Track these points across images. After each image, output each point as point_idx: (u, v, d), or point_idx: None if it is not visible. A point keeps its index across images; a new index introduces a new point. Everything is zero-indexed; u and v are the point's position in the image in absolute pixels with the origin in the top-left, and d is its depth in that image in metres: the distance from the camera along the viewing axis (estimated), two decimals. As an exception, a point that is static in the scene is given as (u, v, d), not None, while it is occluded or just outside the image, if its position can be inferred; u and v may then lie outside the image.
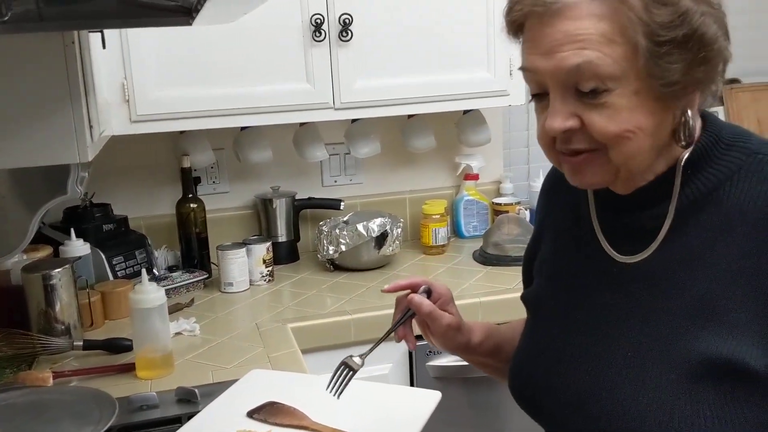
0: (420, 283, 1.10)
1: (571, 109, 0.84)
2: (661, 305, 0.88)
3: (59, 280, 1.64)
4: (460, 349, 1.14)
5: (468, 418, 1.89)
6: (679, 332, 0.85)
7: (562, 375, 0.95)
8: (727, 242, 0.85)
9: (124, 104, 1.83)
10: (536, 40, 0.84)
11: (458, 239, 2.41)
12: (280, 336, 1.70)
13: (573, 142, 0.85)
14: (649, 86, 0.82)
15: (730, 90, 2.69)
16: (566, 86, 0.83)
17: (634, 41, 0.80)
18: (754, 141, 0.89)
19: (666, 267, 0.88)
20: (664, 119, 0.85)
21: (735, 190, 0.86)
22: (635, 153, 0.84)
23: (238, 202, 2.32)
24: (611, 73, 0.80)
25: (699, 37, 0.81)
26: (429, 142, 2.31)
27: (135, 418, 1.29)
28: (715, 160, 0.88)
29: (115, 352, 1.61)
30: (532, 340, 1.04)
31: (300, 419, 1.20)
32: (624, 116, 0.82)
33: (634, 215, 0.92)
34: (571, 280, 1.00)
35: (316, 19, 1.91)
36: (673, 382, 0.84)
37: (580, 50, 0.80)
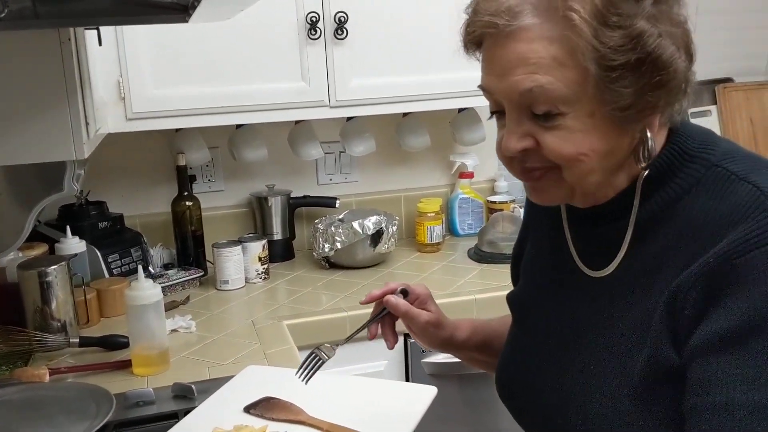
0: (395, 287, 1.11)
1: (525, 130, 0.83)
2: (617, 318, 0.87)
3: (55, 278, 1.64)
4: (445, 346, 1.15)
5: (463, 414, 1.90)
6: (631, 344, 0.85)
7: (536, 384, 0.96)
8: (677, 259, 0.82)
9: (119, 102, 1.83)
10: (491, 60, 0.83)
11: (453, 237, 2.42)
12: (276, 333, 1.71)
13: (528, 161, 0.85)
14: (604, 110, 0.80)
15: (723, 89, 2.71)
16: (520, 108, 0.82)
17: (584, 65, 0.78)
18: (719, 152, 0.86)
19: (625, 281, 0.88)
20: (620, 141, 0.83)
21: (691, 205, 0.84)
22: (588, 174, 0.83)
23: (234, 200, 2.32)
24: (563, 96, 0.79)
25: (653, 60, 0.78)
26: (424, 141, 2.32)
27: (131, 414, 1.30)
28: (676, 173, 0.86)
29: (111, 349, 1.62)
30: (512, 345, 1.05)
31: (296, 414, 1.21)
32: (578, 138, 0.81)
33: (599, 229, 0.91)
34: (548, 286, 1.01)
35: (312, 17, 1.91)
36: (628, 394, 0.84)
37: (532, 74, 0.79)
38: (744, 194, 0.80)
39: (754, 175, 0.81)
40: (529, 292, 1.06)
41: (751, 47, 2.79)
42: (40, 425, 1.06)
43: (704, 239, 0.80)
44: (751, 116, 2.73)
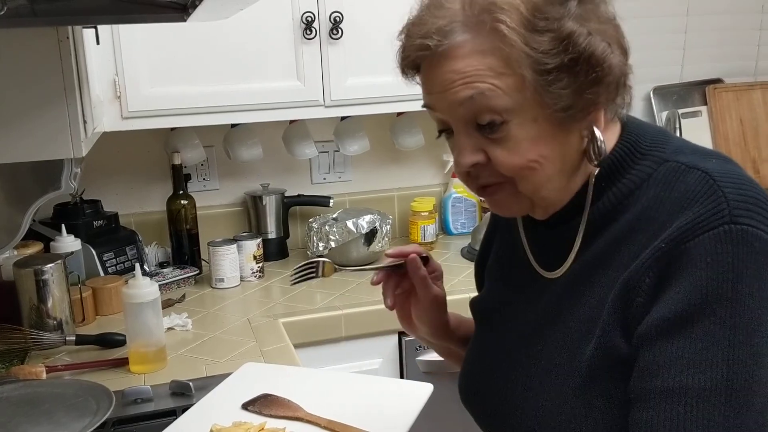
0: (421, 251, 1.07)
1: (475, 143, 0.83)
2: (565, 315, 0.88)
3: (51, 276, 1.64)
4: (436, 329, 1.11)
5: (457, 412, 1.91)
6: (579, 338, 0.85)
7: (495, 385, 0.96)
8: (626, 250, 0.83)
9: (115, 100, 1.83)
10: (430, 80, 0.84)
11: (446, 236, 2.43)
12: (272, 331, 1.72)
13: (481, 177, 0.85)
14: (546, 114, 0.81)
15: (713, 90, 2.73)
16: (466, 121, 0.83)
17: (520, 73, 0.79)
18: (670, 148, 0.86)
19: (576, 279, 0.88)
20: (569, 143, 0.84)
21: (642, 198, 0.84)
22: (543, 182, 0.84)
23: (228, 199, 2.33)
24: (504, 105, 0.80)
25: (586, 58, 0.79)
26: (418, 140, 2.33)
27: (130, 412, 1.30)
28: (627, 170, 0.86)
29: (107, 346, 1.62)
30: (472, 350, 1.06)
31: (294, 411, 1.22)
32: (525, 146, 0.81)
33: (553, 231, 0.92)
34: (505, 291, 1.01)
35: (307, 17, 1.92)
36: (573, 388, 0.84)
37: (471, 83, 0.80)
38: (693, 180, 0.80)
39: (703, 163, 0.81)
40: (490, 296, 1.06)
41: (741, 49, 2.82)
42: (40, 422, 1.07)
43: (655, 227, 0.80)
44: (740, 116, 2.76)
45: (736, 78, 2.80)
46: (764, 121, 2.78)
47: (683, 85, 2.72)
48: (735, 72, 2.81)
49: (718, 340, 0.73)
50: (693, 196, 0.78)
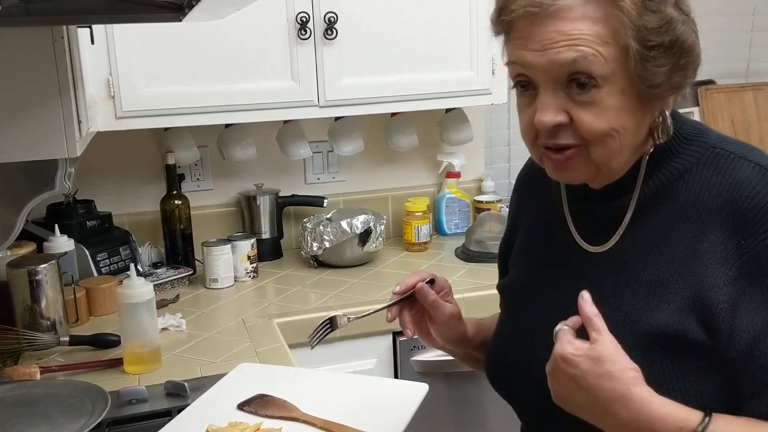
0: (425, 276, 1.11)
1: (561, 104, 0.87)
2: (621, 288, 0.93)
3: (45, 276, 1.63)
4: (456, 341, 1.15)
5: (451, 411, 1.92)
6: (636, 311, 0.91)
7: (533, 359, 0.98)
8: (681, 230, 0.90)
9: (109, 100, 1.83)
10: (530, 37, 0.87)
11: (440, 236, 2.44)
12: (267, 331, 1.72)
13: (559, 137, 0.89)
14: (634, 87, 0.86)
15: (705, 91, 2.75)
16: (557, 82, 0.87)
17: (625, 44, 0.84)
18: (712, 136, 0.94)
19: (627, 254, 0.93)
20: (644, 119, 0.90)
21: (692, 182, 0.91)
22: (617, 151, 0.89)
23: (222, 199, 2.32)
24: (602, 72, 0.84)
25: (681, 43, 0.86)
26: (412, 141, 2.33)
27: (125, 412, 1.30)
28: (675, 154, 0.93)
29: (101, 347, 1.61)
30: (506, 328, 1.08)
31: (290, 411, 1.22)
32: (611, 114, 0.86)
33: (601, 207, 0.97)
34: (543, 269, 1.04)
35: (302, 17, 1.92)
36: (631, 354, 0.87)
37: (577, 46, 0.84)
38: (747, 171, 0.87)
39: (751, 155, 0.89)
40: (523, 276, 1.08)
41: (733, 50, 2.84)
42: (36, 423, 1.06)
43: (709, 211, 0.88)
44: (732, 117, 2.78)
45: (728, 79, 2.82)
46: (755, 122, 2.80)
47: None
48: (727, 73, 2.82)
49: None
50: (751, 186, 0.86)
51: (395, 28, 2.02)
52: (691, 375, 0.87)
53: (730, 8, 2.79)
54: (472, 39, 2.09)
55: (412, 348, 1.86)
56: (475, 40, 2.09)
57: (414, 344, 1.86)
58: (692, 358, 0.87)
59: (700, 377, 0.87)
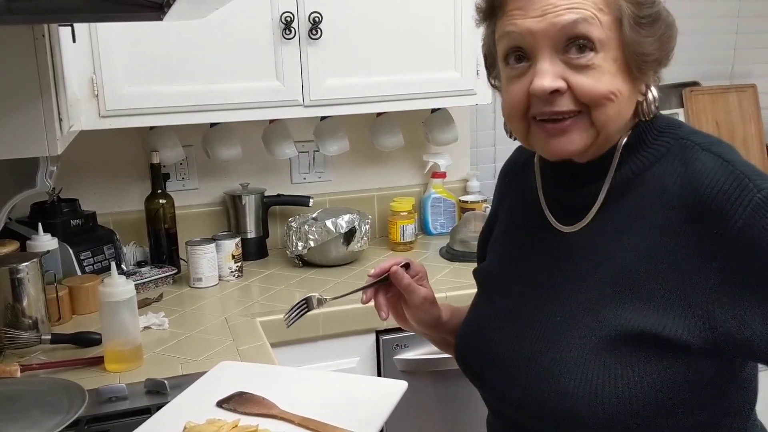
0: (400, 261, 1.14)
1: (557, 71, 0.90)
2: (589, 274, 0.95)
3: (27, 274, 1.63)
4: (431, 324, 1.18)
5: (433, 408, 1.92)
6: (602, 299, 0.93)
7: (500, 343, 1.01)
8: (648, 219, 0.92)
9: (93, 99, 1.83)
10: (528, 6, 0.90)
11: (425, 236, 2.45)
12: (249, 330, 1.72)
13: (556, 105, 0.91)
14: (626, 56, 0.91)
15: (689, 92, 2.77)
16: (556, 47, 0.90)
17: (619, 13, 0.90)
18: (684, 129, 0.98)
19: (597, 239, 0.96)
20: (634, 89, 0.93)
21: (660, 171, 0.94)
22: (615, 116, 0.92)
23: (207, 198, 2.32)
24: (599, 36, 0.89)
25: (664, 18, 0.93)
26: (397, 141, 2.34)
27: (104, 410, 1.30)
28: (648, 144, 0.96)
29: (83, 345, 1.61)
30: (477, 312, 1.11)
31: (269, 408, 1.23)
32: (608, 79, 0.90)
33: (575, 191, 0.99)
34: (518, 253, 1.07)
35: (286, 17, 1.93)
36: (591, 345, 0.91)
37: (576, 8, 0.88)
38: (708, 161, 0.90)
39: (715, 147, 0.93)
40: (498, 262, 1.11)
41: (717, 52, 2.86)
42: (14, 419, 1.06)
43: (672, 199, 0.91)
44: (716, 119, 2.80)
45: (712, 81, 2.84)
46: (740, 123, 2.82)
47: (661, 88, 2.73)
48: (711, 75, 2.85)
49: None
50: (711, 176, 0.89)
51: (380, 28, 2.03)
52: (656, 370, 0.89)
53: (714, 11, 2.81)
54: (456, 40, 2.10)
55: (395, 346, 1.87)
56: (460, 40, 2.10)
57: (397, 343, 1.87)
58: (658, 354, 0.89)
59: (667, 371, 0.89)
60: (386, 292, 1.15)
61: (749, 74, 2.90)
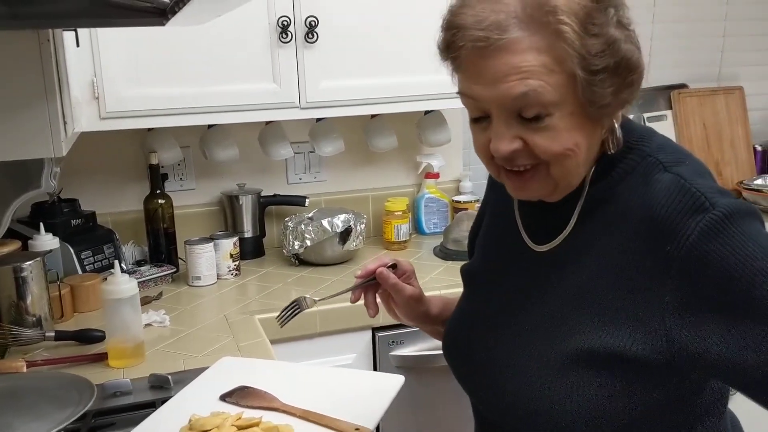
0: (386, 261, 1.19)
1: (514, 133, 0.90)
2: (555, 288, 0.98)
3: (30, 273, 1.67)
4: (419, 319, 1.24)
5: (428, 404, 1.97)
6: (564, 313, 0.95)
7: (477, 344, 1.06)
8: (611, 237, 0.93)
9: (93, 101, 1.86)
10: (480, 71, 0.88)
11: (419, 235, 2.49)
12: (248, 327, 1.76)
13: (515, 161, 0.93)
14: (583, 109, 0.89)
15: (678, 95, 2.82)
16: (510, 112, 0.89)
17: (571, 71, 0.86)
18: (653, 144, 0.97)
19: (565, 256, 0.98)
20: (596, 134, 0.93)
21: (625, 190, 0.94)
22: (574, 168, 0.93)
23: (204, 198, 2.36)
24: (552, 100, 0.87)
25: (626, 62, 0.89)
26: (391, 142, 2.38)
27: (110, 404, 1.34)
28: (617, 162, 0.96)
29: (86, 342, 1.65)
30: (460, 311, 1.16)
31: (270, 401, 1.26)
32: (564, 136, 0.90)
33: (548, 210, 1.01)
34: (497, 261, 1.11)
35: (283, 21, 1.97)
36: (552, 359, 0.94)
37: (525, 80, 0.86)
38: (667, 181, 0.91)
39: (677, 166, 0.93)
40: (480, 264, 1.16)
41: (705, 55, 2.92)
42: (22, 413, 1.10)
43: (634, 219, 0.91)
44: (704, 121, 2.85)
45: (700, 83, 2.89)
46: (727, 125, 2.88)
47: (649, 90, 2.80)
48: (699, 77, 2.90)
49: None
50: (667, 195, 0.89)
51: (374, 32, 2.07)
52: (615, 385, 0.91)
53: (702, 14, 2.86)
54: (449, 43, 2.14)
55: (391, 343, 1.91)
56: (453, 44, 2.14)
57: (393, 339, 1.91)
58: (616, 371, 0.90)
59: (624, 385, 0.91)
60: (376, 290, 1.20)
61: (736, 77, 2.96)
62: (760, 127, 2.99)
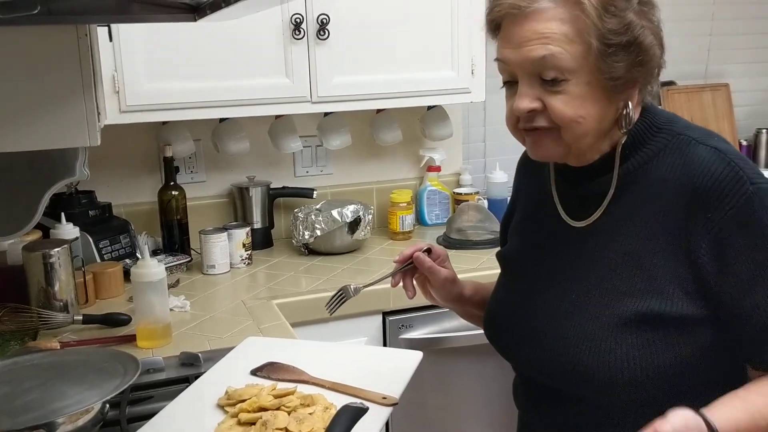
0: (422, 246, 1.28)
1: (536, 94, 1.02)
2: (599, 259, 1.08)
3: (58, 259, 1.73)
4: (454, 300, 1.32)
5: (436, 384, 2.05)
6: (611, 279, 1.06)
7: (524, 317, 1.15)
8: (650, 207, 1.05)
9: (114, 95, 1.93)
10: (509, 36, 1.02)
11: (421, 226, 2.58)
12: (267, 310, 1.84)
13: (535, 121, 1.04)
14: (598, 80, 1.00)
15: (666, 91, 2.93)
16: (532, 75, 1.02)
17: (588, 42, 0.98)
18: (681, 125, 1.09)
19: (606, 228, 1.09)
20: (609, 109, 1.03)
21: (660, 165, 1.06)
22: (582, 135, 1.03)
23: (215, 190, 2.43)
24: (569, 66, 0.99)
25: (638, 44, 1.00)
26: (396, 136, 2.47)
27: (144, 380, 1.41)
28: (647, 141, 1.08)
29: (112, 325, 1.72)
30: (502, 292, 1.25)
31: (299, 375, 1.34)
32: (577, 103, 1.01)
33: (583, 187, 1.12)
34: (536, 241, 1.20)
35: (296, 19, 2.05)
36: (603, 320, 1.05)
37: (546, 44, 0.98)
38: (704, 153, 1.03)
39: (710, 140, 1.05)
40: (519, 246, 1.25)
41: (692, 53, 3.03)
42: (74, 383, 1.16)
43: (673, 188, 1.03)
44: (692, 116, 2.96)
45: (688, 80, 3.00)
46: (713, 120, 2.99)
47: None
48: (687, 75, 3.01)
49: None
50: (707, 166, 1.01)
51: (382, 30, 2.16)
52: (662, 344, 1.02)
53: (690, 14, 2.98)
54: (453, 41, 2.23)
55: (401, 327, 1.99)
56: (456, 42, 2.23)
57: (402, 323, 1.99)
58: (665, 330, 1.02)
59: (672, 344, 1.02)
60: (413, 274, 1.29)
61: (723, 74, 3.07)
62: (745, 123, 3.11)
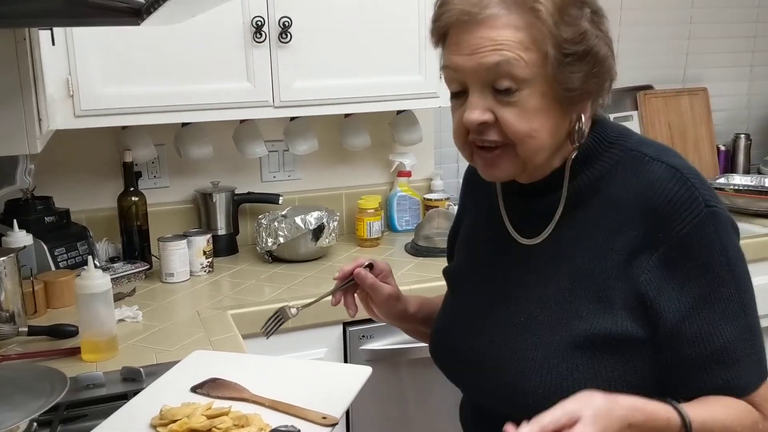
0: (363, 262, 1.22)
1: (487, 105, 0.97)
2: (548, 277, 1.04)
3: (3, 269, 1.68)
4: (398, 317, 1.27)
5: (398, 396, 2.01)
6: (562, 299, 1.01)
7: (470, 341, 1.10)
8: (602, 225, 1.01)
9: (68, 99, 1.88)
10: (461, 43, 0.97)
11: (391, 233, 2.53)
12: (221, 322, 1.79)
13: (486, 135, 0.99)
14: (553, 90, 0.96)
15: (644, 96, 2.89)
16: (484, 84, 0.96)
17: (544, 50, 0.94)
18: (633, 140, 1.05)
19: (556, 246, 1.04)
20: (562, 122, 1.00)
21: (612, 182, 1.02)
22: (538, 151, 0.99)
23: (179, 196, 2.38)
24: (523, 75, 0.94)
25: (594, 54, 0.97)
26: (364, 141, 2.42)
27: (82, 396, 1.36)
28: (598, 156, 1.03)
29: (59, 337, 1.67)
30: (448, 311, 1.20)
31: (240, 392, 1.30)
32: (531, 115, 0.96)
33: (532, 203, 1.07)
34: (483, 258, 1.15)
35: (257, 21, 2.00)
36: (555, 344, 1.00)
37: (500, 51, 0.94)
38: (659, 171, 0.99)
39: (664, 156, 1.01)
40: (465, 263, 1.20)
41: (670, 57, 3.00)
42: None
43: (627, 208, 0.99)
44: (669, 121, 2.93)
45: (665, 85, 2.97)
46: (691, 125, 2.96)
47: (615, 91, 2.82)
48: (664, 79, 2.98)
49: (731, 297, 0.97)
50: (663, 184, 0.97)
51: (347, 33, 2.11)
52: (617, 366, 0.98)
53: (668, 17, 2.94)
54: (420, 45, 2.19)
55: (361, 337, 1.95)
56: (424, 45, 2.18)
57: (363, 334, 1.95)
58: (619, 351, 0.98)
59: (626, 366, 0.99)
60: (355, 290, 1.24)
61: (701, 78, 3.04)
62: (723, 128, 3.08)
